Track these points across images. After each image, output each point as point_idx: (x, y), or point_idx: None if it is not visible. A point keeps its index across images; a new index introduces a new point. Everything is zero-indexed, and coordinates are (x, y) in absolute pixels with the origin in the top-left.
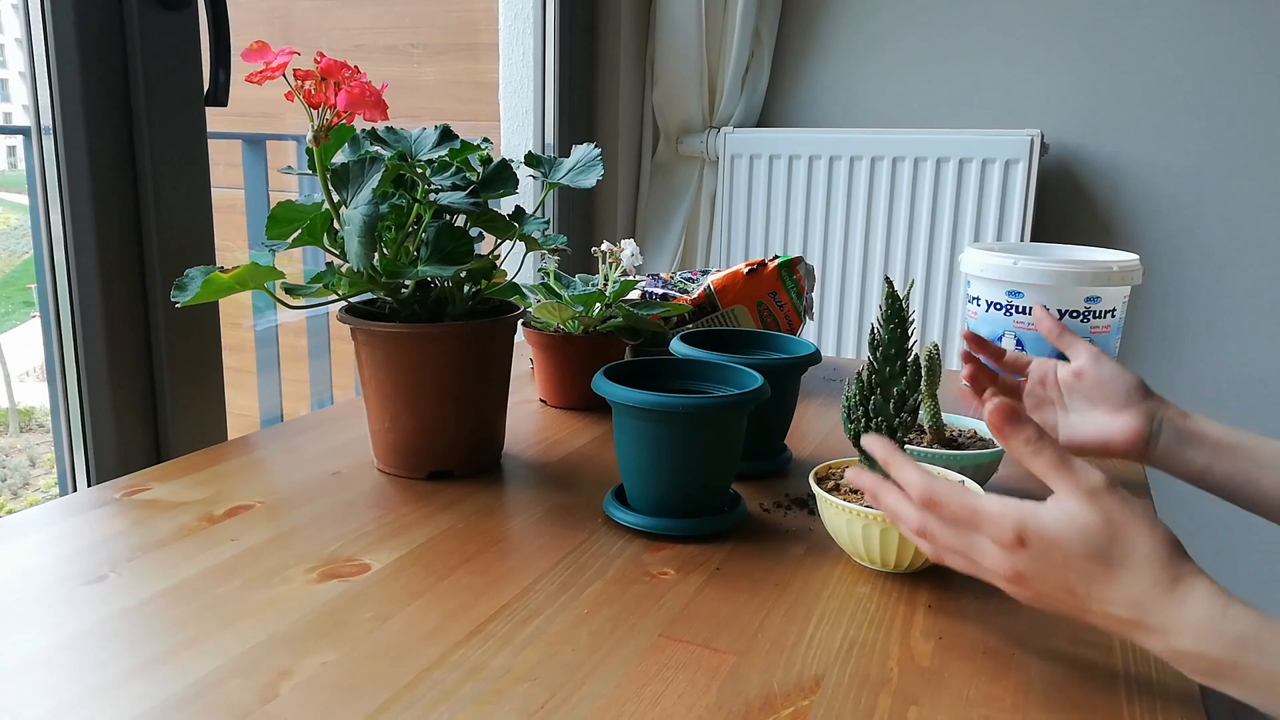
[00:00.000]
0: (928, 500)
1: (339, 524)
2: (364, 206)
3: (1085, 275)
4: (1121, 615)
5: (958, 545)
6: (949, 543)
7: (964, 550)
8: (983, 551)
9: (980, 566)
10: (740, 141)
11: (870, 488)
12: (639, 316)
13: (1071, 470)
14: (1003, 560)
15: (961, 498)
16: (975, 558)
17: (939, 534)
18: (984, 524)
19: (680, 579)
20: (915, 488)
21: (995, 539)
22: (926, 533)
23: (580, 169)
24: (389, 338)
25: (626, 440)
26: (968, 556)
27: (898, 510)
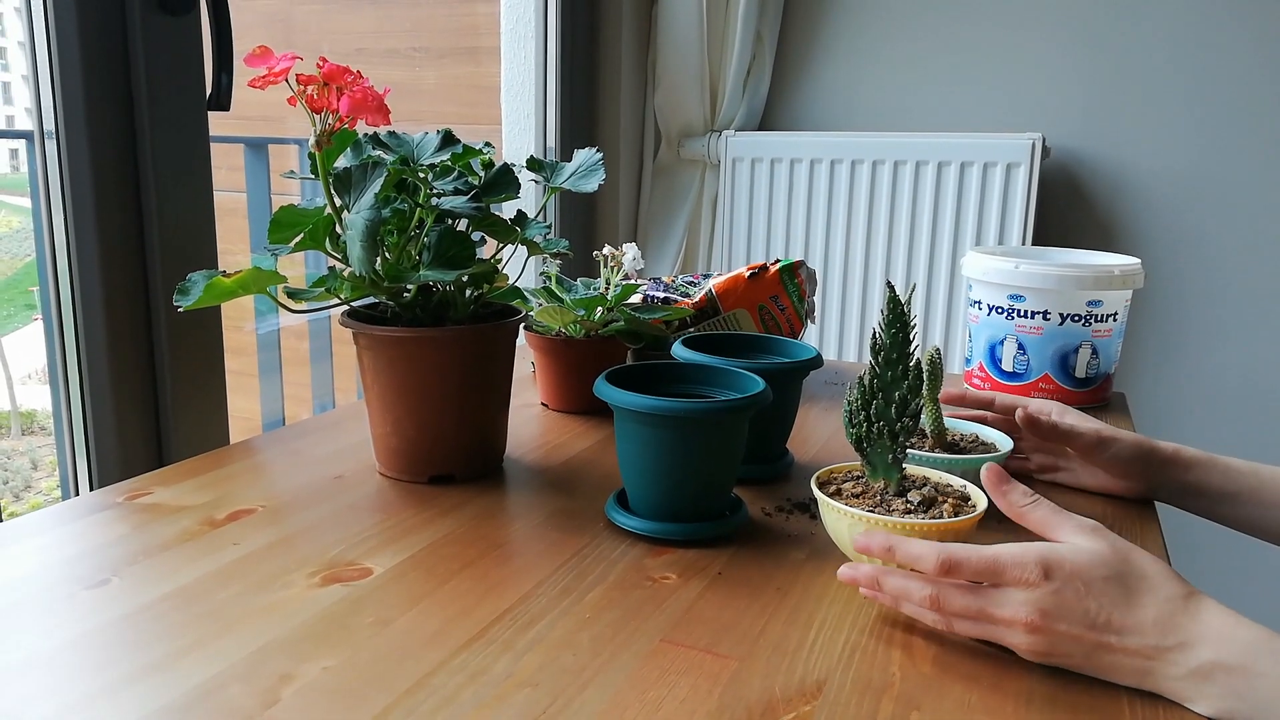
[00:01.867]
0: (947, 565)
1: (341, 528)
2: (366, 211)
3: (1087, 279)
4: (1140, 644)
5: (971, 607)
6: (961, 607)
7: (978, 611)
8: (1001, 603)
9: (995, 620)
10: (742, 145)
11: (868, 578)
12: (640, 320)
13: (1068, 517)
14: (1025, 603)
15: (980, 553)
16: (992, 611)
17: (951, 600)
18: (1007, 569)
19: (682, 584)
20: (929, 559)
21: (1019, 580)
22: (939, 603)
23: (582, 173)
24: (391, 342)
25: (628, 444)
26: (982, 616)
27: (904, 589)
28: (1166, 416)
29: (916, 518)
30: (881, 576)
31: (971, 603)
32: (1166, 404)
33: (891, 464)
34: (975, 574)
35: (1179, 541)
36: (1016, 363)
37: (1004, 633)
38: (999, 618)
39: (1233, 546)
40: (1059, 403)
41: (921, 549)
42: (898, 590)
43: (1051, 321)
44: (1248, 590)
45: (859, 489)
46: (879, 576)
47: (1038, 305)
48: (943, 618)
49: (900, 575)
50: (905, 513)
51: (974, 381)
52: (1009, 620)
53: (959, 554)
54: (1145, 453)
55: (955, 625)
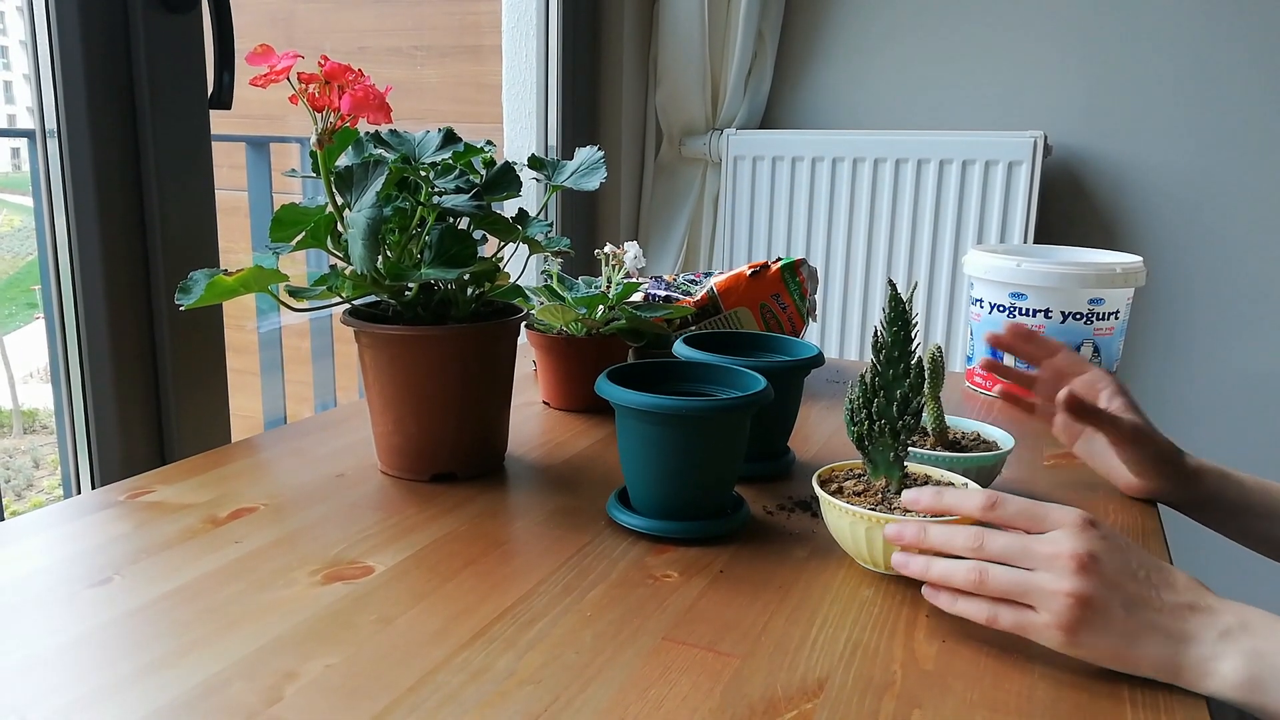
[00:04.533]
0: (991, 503)
1: (343, 526)
2: (368, 210)
3: (1089, 277)
4: (1176, 601)
5: (1014, 582)
6: (1005, 581)
7: (1022, 584)
8: (1048, 543)
9: (1042, 594)
10: (743, 143)
11: (919, 571)
12: (642, 318)
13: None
14: (1073, 540)
15: (1022, 500)
16: (1037, 549)
17: (994, 574)
18: (1051, 512)
19: (683, 582)
20: (973, 501)
21: (1064, 522)
22: (981, 578)
23: (584, 171)
24: (392, 340)
25: (629, 443)
26: (1025, 589)
27: (949, 572)
28: (1168, 415)
29: (918, 516)
30: (931, 563)
31: (1014, 579)
32: (1168, 402)
33: (893, 462)
34: (1019, 514)
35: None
36: (1018, 361)
37: (1048, 583)
38: (1045, 554)
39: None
40: (1113, 378)
41: (962, 500)
42: (944, 575)
43: (1053, 319)
44: None
45: (860, 487)
46: (929, 567)
47: (1039, 303)
48: (986, 606)
49: (947, 561)
50: (906, 511)
51: (975, 380)
52: (1056, 556)
53: (1003, 495)
54: (1173, 459)
55: (1000, 616)
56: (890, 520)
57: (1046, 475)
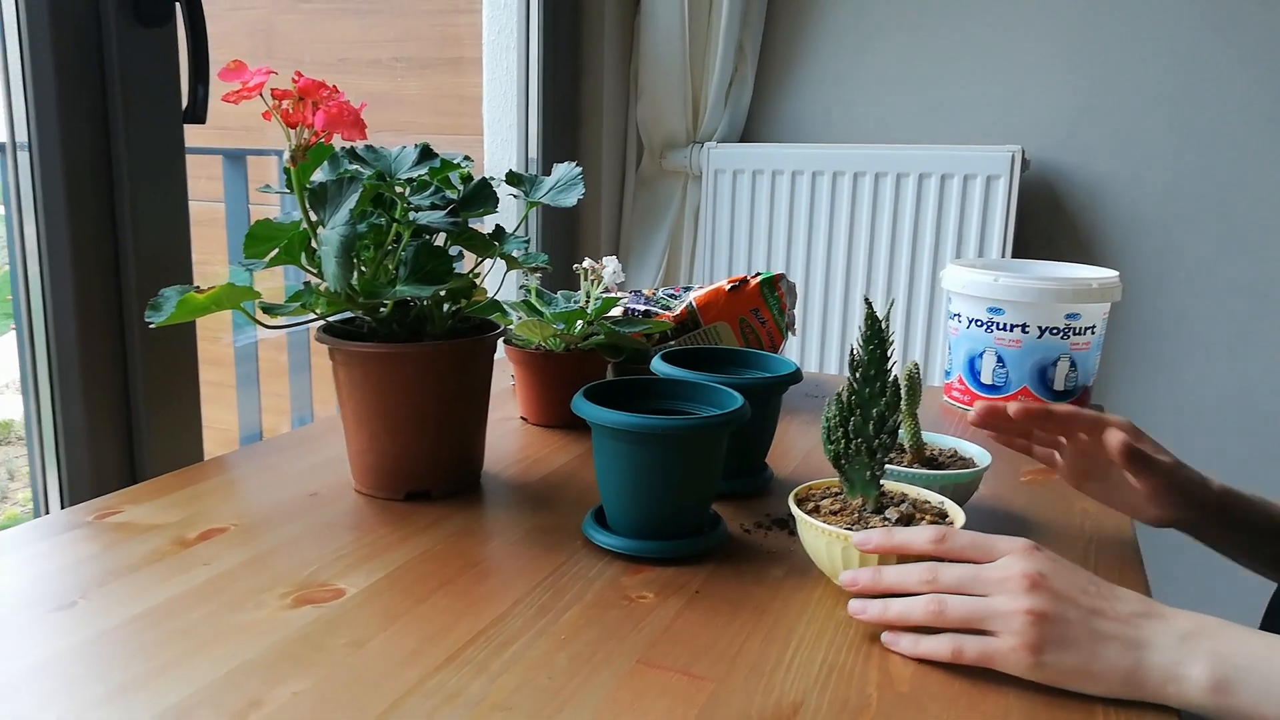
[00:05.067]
0: (940, 536)
1: (315, 547)
2: (341, 227)
3: (1065, 292)
4: (1130, 610)
5: (971, 609)
6: (963, 609)
7: (979, 609)
8: (998, 568)
9: (999, 616)
10: (723, 157)
11: (878, 612)
12: (620, 334)
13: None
14: (1023, 564)
15: (970, 533)
16: (993, 607)
17: (952, 604)
18: (998, 541)
19: (659, 602)
20: (923, 537)
21: (1012, 549)
22: (940, 608)
23: (561, 188)
24: (367, 358)
25: (606, 461)
26: (983, 614)
27: (907, 609)
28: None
29: None
30: (888, 605)
31: (972, 606)
32: (1144, 417)
33: (870, 480)
34: (969, 545)
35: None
36: (996, 375)
37: (1003, 604)
38: (996, 578)
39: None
40: (1128, 422)
41: (911, 537)
42: (902, 613)
43: (1030, 334)
44: None
45: (837, 506)
46: (886, 610)
47: (1016, 318)
48: (949, 641)
49: (904, 600)
50: None
51: (953, 394)
52: (1007, 578)
53: (948, 530)
54: (1202, 492)
55: (965, 648)
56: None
57: (1023, 491)
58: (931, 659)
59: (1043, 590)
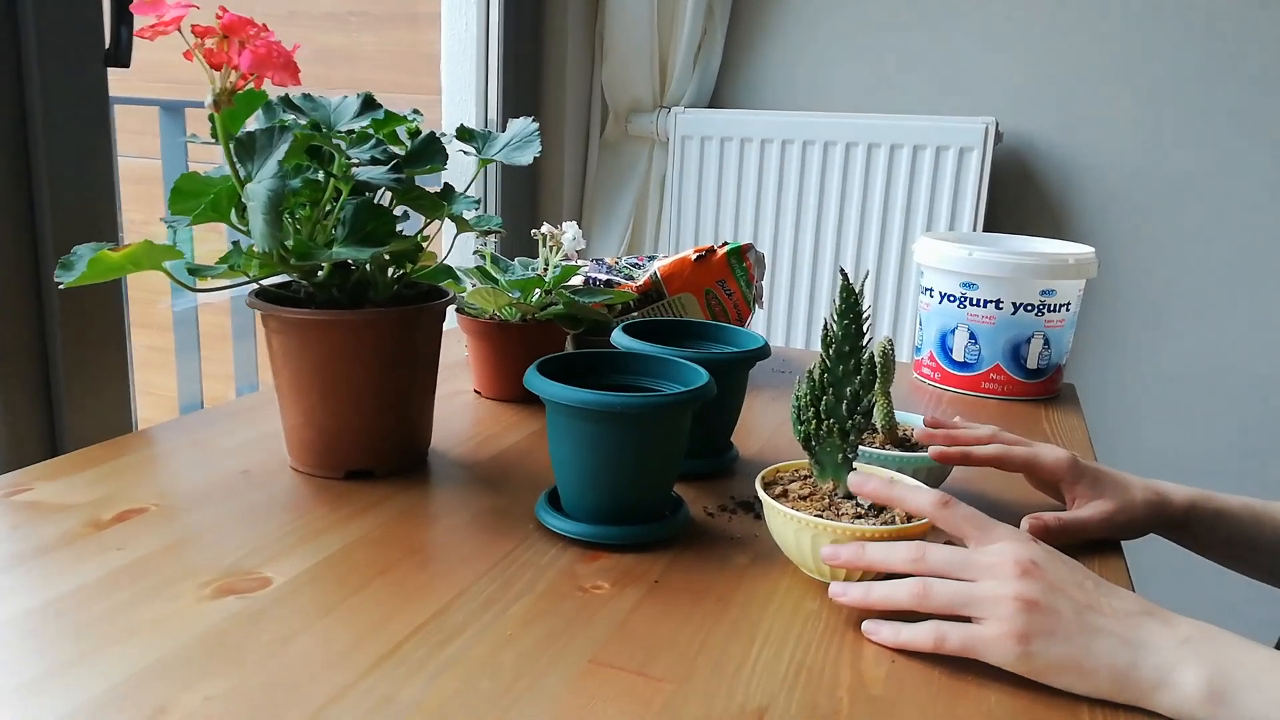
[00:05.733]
0: (945, 500)
1: (242, 530)
2: (269, 181)
3: (1042, 268)
4: (1127, 610)
5: (958, 592)
6: (949, 593)
7: (966, 594)
8: (991, 552)
9: (986, 601)
10: (691, 122)
11: (859, 596)
12: (580, 304)
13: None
14: (1016, 550)
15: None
16: (980, 592)
17: (938, 587)
18: (996, 525)
19: (615, 593)
20: (925, 498)
21: (1008, 535)
22: (925, 590)
23: (516, 145)
24: (302, 325)
25: (560, 441)
26: (969, 598)
27: (890, 593)
28: (1115, 408)
29: (868, 522)
30: (870, 589)
31: (958, 591)
32: (1115, 395)
33: (841, 464)
34: (969, 517)
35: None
36: (968, 353)
37: (992, 590)
38: (987, 564)
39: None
40: (1066, 460)
41: (890, 550)
42: (885, 597)
43: (1004, 310)
44: None
45: (806, 490)
46: (867, 590)
47: (990, 294)
48: (931, 629)
49: (886, 583)
50: (855, 517)
51: (924, 371)
52: (998, 564)
53: (930, 547)
54: (1159, 513)
55: (947, 637)
56: (836, 528)
57: (997, 474)
58: (912, 649)
59: (1035, 577)
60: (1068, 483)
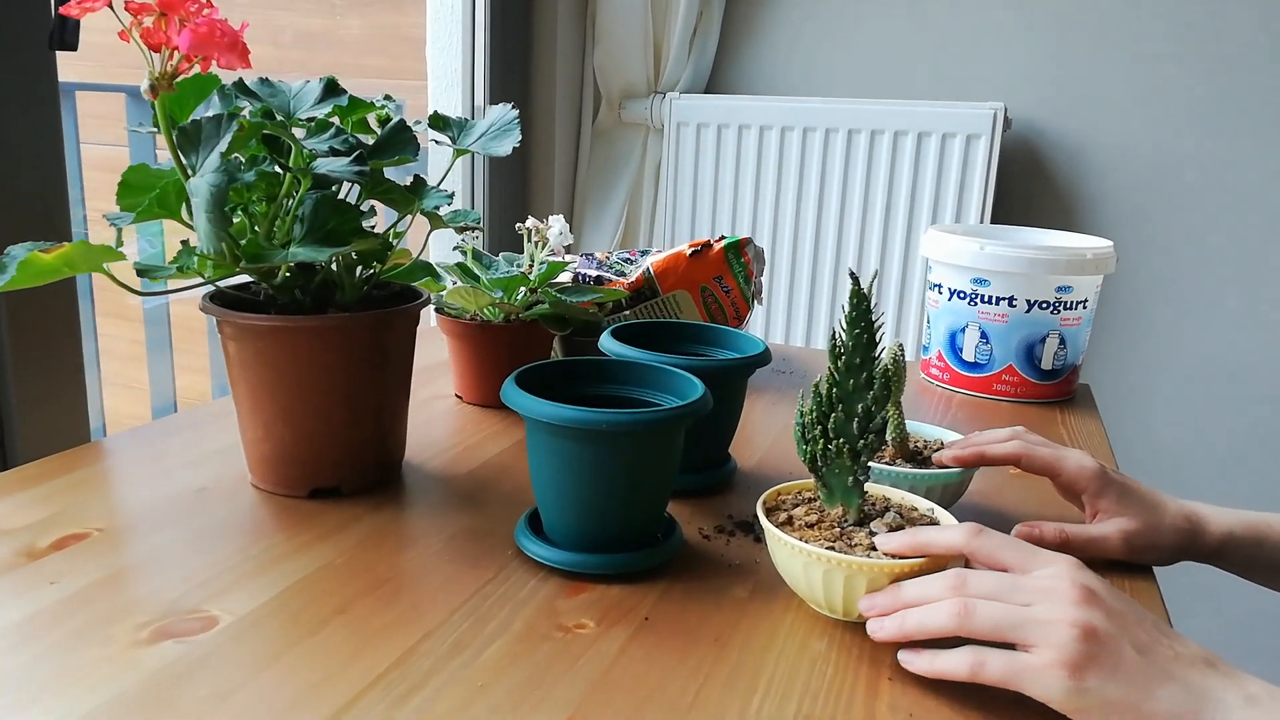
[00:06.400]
0: (976, 531)
1: (190, 559)
2: (211, 174)
3: (1059, 263)
4: (1193, 654)
5: (1005, 615)
6: (995, 615)
7: (1015, 617)
8: (1043, 576)
9: (1039, 626)
10: (687, 108)
11: (894, 630)
12: (567, 303)
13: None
14: (1072, 576)
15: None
16: (1032, 615)
17: (982, 608)
18: (1039, 552)
19: (600, 634)
20: (955, 537)
21: (1057, 560)
22: (967, 612)
23: (494, 133)
24: (260, 331)
25: (541, 460)
26: (1018, 621)
27: (926, 618)
28: (1131, 410)
29: (881, 556)
30: (905, 617)
31: (1005, 614)
32: (1128, 395)
33: (851, 487)
34: (1006, 544)
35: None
36: (979, 353)
37: (1046, 613)
38: (1040, 587)
39: None
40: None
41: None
42: (922, 621)
43: (1018, 308)
44: None
45: (813, 516)
46: (903, 618)
47: (1003, 290)
48: (969, 655)
49: (922, 608)
50: (871, 548)
51: (931, 372)
52: (1054, 588)
53: (985, 527)
54: (1189, 542)
55: (987, 664)
56: (851, 562)
57: (1015, 487)
58: (946, 677)
59: (1096, 605)
60: (1091, 494)
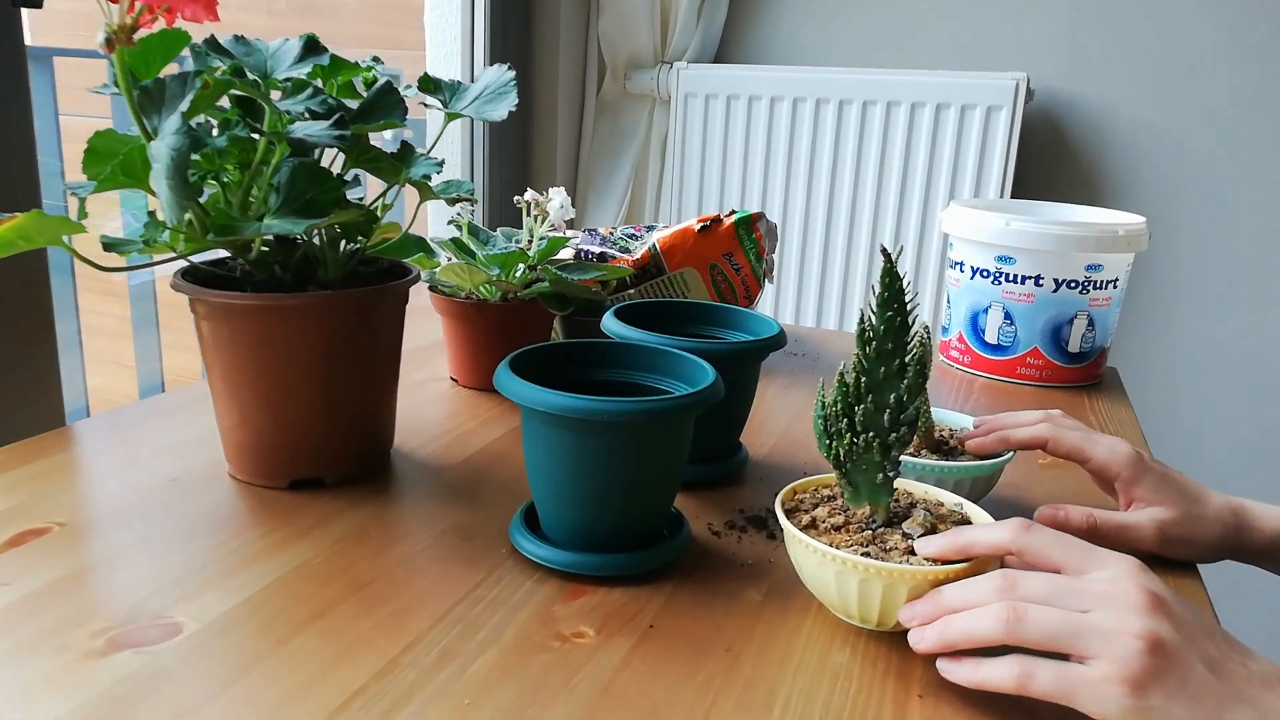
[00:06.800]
0: (1025, 528)
1: (156, 559)
2: (172, 137)
3: (1089, 240)
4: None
5: (1061, 622)
6: (1049, 621)
7: (1072, 624)
8: (1102, 579)
9: (1100, 635)
10: (695, 79)
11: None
12: (568, 281)
13: None
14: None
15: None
16: (1091, 623)
17: (1034, 613)
18: (1095, 550)
19: (601, 643)
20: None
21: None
22: (1017, 616)
23: (489, 97)
24: (234, 311)
25: (538, 453)
26: (1076, 629)
27: (971, 623)
28: (1160, 395)
29: (927, 560)
30: (949, 622)
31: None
32: (1156, 380)
33: (880, 485)
34: (1056, 541)
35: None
36: (1002, 334)
37: (1107, 621)
38: (1100, 591)
39: None
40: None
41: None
42: (967, 628)
43: (1044, 288)
44: None
45: (838, 518)
46: (946, 624)
47: (1029, 269)
48: (1016, 665)
49: (967, 613)
50: (908, 551)
51: (951, 354)
52: (1116, 594)
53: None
54: (1234, 538)
55: (1037, 673)
56: (892, 570)
57: (1045, 478)
58: (990, 688)
59: (1164, 615)
60: (1125, 481)
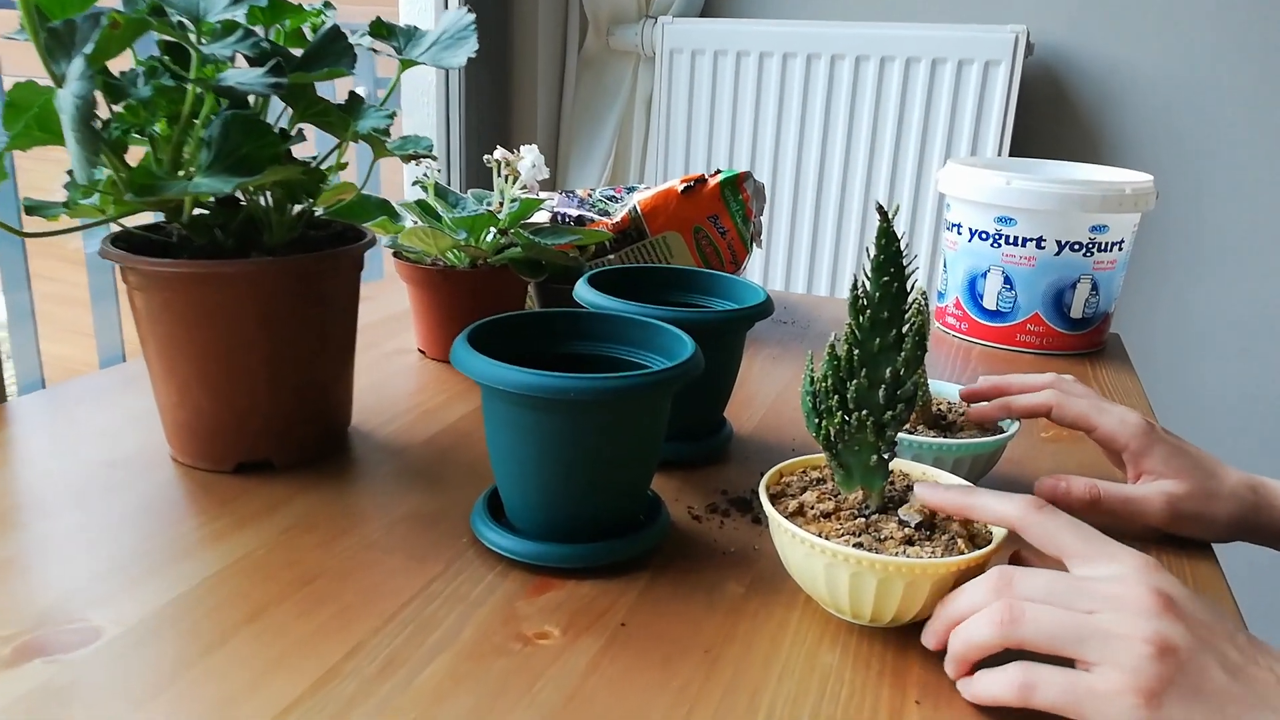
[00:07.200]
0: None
1: (81, 553)
2: (76, 83)
3: (1093, 199)
4: None
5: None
6: (1052, 622)
7: (1077, 627)
8: (1112, 579)
9: (1108, 640)
10: (681, 34)
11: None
12: (542, 245)
13: None
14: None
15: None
16: (1099, 626)
17: (1034, 612)
18: (1107, 542)
19: (567, 644)
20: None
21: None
22: (1014, 616)
23: (446, 43)
24: (167, 280)
25: (500, 434)
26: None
27: (971, 633)
28: (1163, 361)
29: (925, 548)
30: (953, 644)
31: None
32: (1162, 347)
33: (874, 467)
34: (1068, 526)
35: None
36: (1001, 299)
37: (1116, 625)
38: (1107, 592)
39: None
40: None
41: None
42: (968, 638)
43: (1046, 250)
44: None
45: (828, 503)
46: (954, 644)
47: (1031, 230)
48: (1018, 676)
49: (965, 625)
50: (904, 541)
51: (948, 321)
52: (1124, 594)
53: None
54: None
55: (1039, 684)
56: (887, 564)
57: (1047, 453)
58: (990, 702)
59: (1177, 616)
60: (1134, 452)
